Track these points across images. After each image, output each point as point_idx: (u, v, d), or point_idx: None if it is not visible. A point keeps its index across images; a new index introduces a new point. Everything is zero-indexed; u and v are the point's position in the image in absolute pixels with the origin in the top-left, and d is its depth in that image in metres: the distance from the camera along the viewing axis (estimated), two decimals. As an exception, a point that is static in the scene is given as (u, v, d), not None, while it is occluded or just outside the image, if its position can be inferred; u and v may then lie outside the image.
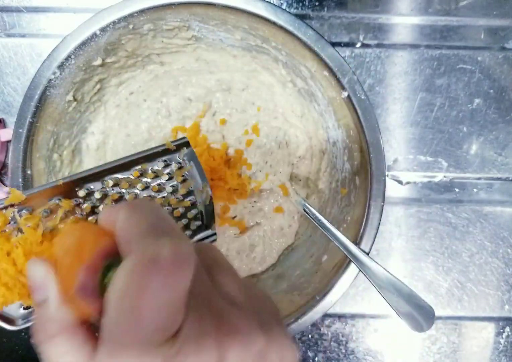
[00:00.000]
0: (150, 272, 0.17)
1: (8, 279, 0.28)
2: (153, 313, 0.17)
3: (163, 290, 0.17)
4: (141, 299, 0.17)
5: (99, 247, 0.20)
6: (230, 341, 0.19)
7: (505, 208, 0.50)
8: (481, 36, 0.49)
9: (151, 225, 0.19)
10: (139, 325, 0.17)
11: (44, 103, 0.40)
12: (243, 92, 0.47)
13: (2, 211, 0.29)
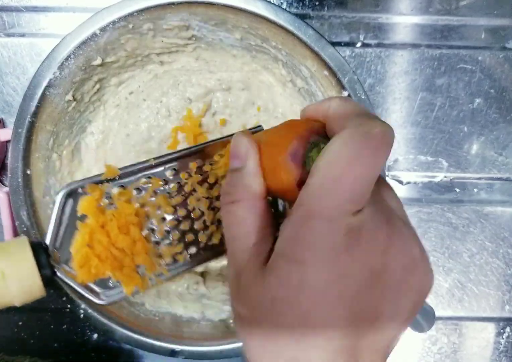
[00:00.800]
0: (363, 143, 0.19)
1: (102, 250, 0.29)
2: (354, 182, 0.19)
3: (368, 163, 0.19)
4: (350, 166, 0.19)
5: (309, 126, 0.23)
6: (395, 238, 0.20)
7: (506, 208, 0.50)
8: (482, 35, 0.49)
9: (363, 110, 0.22)
10: (340, 189, 0.19)
11: (44, 103, 0.39)
12: (243, 92, 0.47)
13: (98, 185, 0.30)
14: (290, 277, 0.19)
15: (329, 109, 0.22)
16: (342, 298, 0.19)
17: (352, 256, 0.19)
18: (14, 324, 0.49)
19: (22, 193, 0.39)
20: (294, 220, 0.20)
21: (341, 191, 0.19)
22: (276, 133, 0.24)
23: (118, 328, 0.40)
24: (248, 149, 0.24)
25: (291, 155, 0.22)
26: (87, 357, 0.50)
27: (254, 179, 0.23)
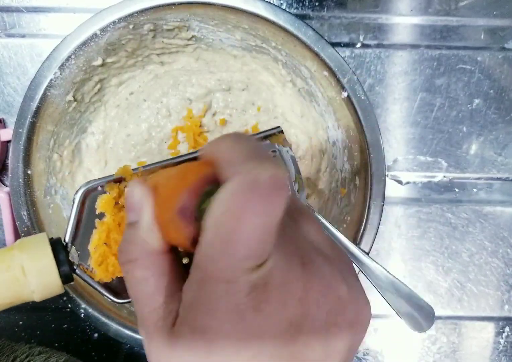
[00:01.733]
0: (251, 193, 0.17)
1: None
2: (248, 237, 0.17)
3: (261, 214, 0.17)
4: (239, 221, 0.17)
5: (201, 174, 0.21)
6: (314, 281, 0.19)
7: (505, 208, 0.50)
8: (481, 36, 0.49)
9: (254, 152, 0.19)
10: (232, 247, 0.17)
11: (44, 103, 0.40)
12: (243, 92, 0.47)
13: (116, 184, 0.30)
14: (196, 346, 0.18)
15: (219, 152, 0.20)
16: (257, 356, 0.18)
17: (262, 314, 0.17)
18: (15, 324, 0.49)
19: (22, 193, 0.40)
20: (192, 285, 0.19)
21: (234, 250, 0.17)
22: (168, 183, 0.22)
23: (118, 327, 0.40)
24: (142, 201, 0.21)
25: (180, 211, 0.20)
26: (87, 356, 0.50)
27: (150, 234, 0.21)
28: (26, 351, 0.41)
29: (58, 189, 0.44)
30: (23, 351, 0.40)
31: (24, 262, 0.27)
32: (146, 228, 0.21)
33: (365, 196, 0.40)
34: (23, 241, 0.29)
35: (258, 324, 0.17)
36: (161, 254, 0.21)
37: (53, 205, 0.43)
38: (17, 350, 0.40)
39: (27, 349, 0.41)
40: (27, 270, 0.27)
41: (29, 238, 0.29)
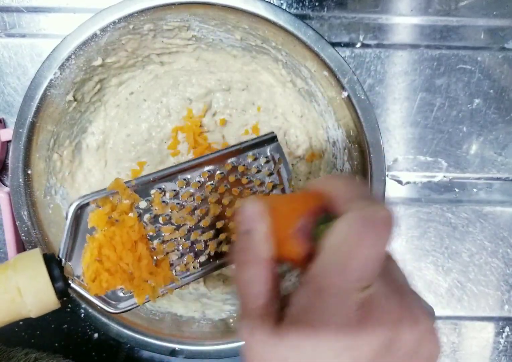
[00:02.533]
0: (367, 227, 0.20)
1: (111, 265, 0.30)
2: (362, 263, 0.20)
3: (374, 245, 0.20)
4: (356, 248, 0.20)
5: (314, 203, 0.24)
6: (406, 311, 0.21)
7: (505, 208, 0.50)
8: (481, 36, 0.49)
9: (365, 193, 0.24)
10: (349, 270, 0.20)
11: (45, 103, 0.40)
12: (243, 92, 0.47)
13: (109, 197, 0.31)
14: (302, 344, 0.21)
15: (335, 189, 0.24)
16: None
17: (364, 329, 0.20)
18: (15, 324, 0.49)
19: (23, 193, 0.40)
20: (308, 292, 0.21)
21: (350, 272, 0.20)
22: (287, 204, 0.25)
23: (118, 327, 0.41)
24: (259, 215, 0.24)
25: (299, 230, 0.23)
26: (87, 356, 0.50)
27: (264, 246, 0.24)
28: (22, 358, 0.41)
29: (58, 189, 0.44)
30: (19, 358, 0.40)
31: (19, 283, 0.28)
32: (262, 238, 0.24)
33: (365, 196, 0.40)
34: (17, 259, 0.29)
35: (360, 337, 0.20)
36: (270, 264, 0.24)
37: (53, 205, 0.43)
38: (12, 358, 0.40)
39: (22, 356, 0.41)
40: (23, 291, 0.28)
41: (23, 256, 0.29)
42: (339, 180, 0.25)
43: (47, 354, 0.44)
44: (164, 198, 0.32)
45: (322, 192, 0.25)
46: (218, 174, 0.34)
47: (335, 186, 0.24)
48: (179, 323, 0.44)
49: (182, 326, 0.44)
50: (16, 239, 0.45)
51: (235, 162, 0.34)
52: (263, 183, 0.35)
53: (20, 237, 0.41)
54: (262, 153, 0.35)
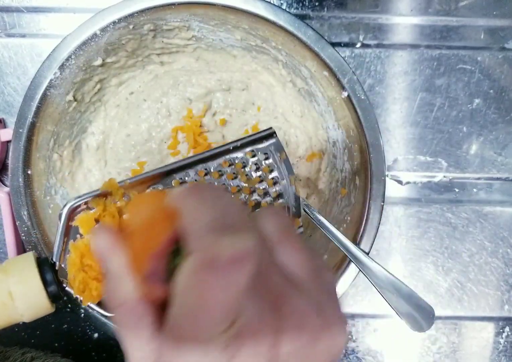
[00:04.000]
0: (209, 273, 0.18)
1: (95, 273, 0.29)
2: (212, 311, 0.18)
3: (223, 290, 0.18)
4: (202, 299, 0.18)
5: (168, 231, 0.21)
6: (286, 322, 0.19)
7: (505, 208, 0.50)
8: (481, 36, 0.49)
9: (216, 219, 0.20)
10: (201, 320, 0.18)
11: (44, 103, 0.40)
12: (243, 92, 0.47)
13: (103, 199, 0.29)
14: None
15: (185, 213, 0.20)
16: None
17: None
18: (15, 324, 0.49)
19: (23, 193, 0.40)
20: (167, 346, 0.19)
21: (202, 320, 0.18)
22: (137, 238, 0.22)
23: (118, 327, 0.41)
24: (109, 251, 0.22)
25: (148, 277, 0.20)
26: (87, 356, 0.50)
27: (124, 283, 0.21)
28: (18, 358, 0.40)
29: (58, 189, 0.44)
30: (15, 358, 0.40)
31: (11, 287, 0.27)
32: (119, 277, 0.21)
33: (365, 196, 0.40)
34: (9, 262, 0.28)
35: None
36: (138, 300, 0.21)
37: (53, 205, 0.43)
38: (9, 357, 0.40)
39: (19, 356, 0.41)
40: (14, 295, 0.27)
41: (15, 259, 0.29)
42: (192, 199, 0.21)
43: (44, 354, 0.44)
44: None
45: (177, 211, 0.21)
46: (215, 172, 0.33)
47: (186, 209, 0.21)
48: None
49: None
50: (16, 239, 0.45)
51: (232, 160, 0.33)
52: (262, 181, 0.35)
53: (20, 237, 0.41)
54: (261, 150, 0.34)
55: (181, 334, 0.19)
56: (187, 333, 0.19)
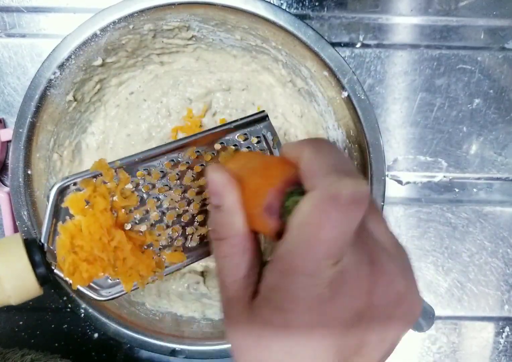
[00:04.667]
0: (331, 207, 0.19)
1: (86, 254, 0.28)
2: (327, 243, 0.19)
3: (339, 225, 0.19)
4: (319, 230, 0.19)
5: (285, 174, 0.23)
6: (379, 276, 0.21)
7: (505, 208, 0.50)
8: (481, 36, 0.49)
9: (334, 165, 0.22)
10: (314, 250, 0.20)
11: (44, 103, 0.40)
12: (243, 92, 0.47)
13: (92, 180, 0.29)
14: (275, 320, 0.21)
15: (301, 160, 0.23)
16: (327, 337, 0.21)
17: (336, 303, 0.20)
18: (15, 324, 0.49)
19: (23, 193, 0.40)
20: (276, 272, 0.21)
21: (315, 253, 0.20)
22: (252, 179, 0.24)
23: (118, 327, 0.41)
24: (224, 187, 0.23)
25: (266, 209, 0.22)
26: (87, 356, 0.50)
27: (235, 218, 0.23)
28: (18, 359, 0.40)
29: (58, 189, 0.44)
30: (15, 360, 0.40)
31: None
32: (231, 212, 0.23)
33: (365, 196, 0.40)
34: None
35: (331, 311, 0.20)
36: (244, 234, 0.23)
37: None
38: (8, 359, 0.40)
39: (19, 358, 0.41)
40: (1, 277, 0.27)
41: (2, 240, 0.28)
42: (307, 149, 0.23)
43: (44, 355, 0.44)
44: (151, 179, 0.31)
45: (294, 159, 0.23)
46: (209, 154, 0.32)
47: (305, 155, 0.22)
48: (179, 323, 0.44)
49: (182, 326, 0.44)
50: (16, 239, 0.45)
51: (225, 142, 0.33)
52: None
53: (20, 237, 0.41)
54: (253, 133, 0.33)
55: (291, 263, 0.20)
56: (298, 261, 0.20)
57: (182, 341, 0.41)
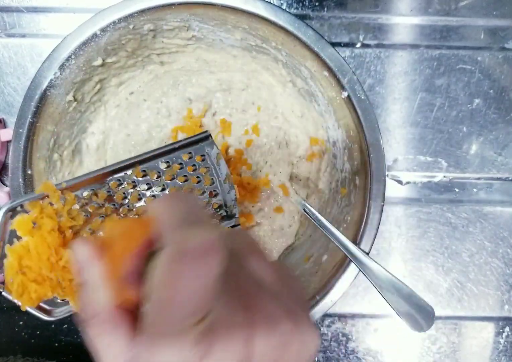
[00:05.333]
0: (181, 263, 0.18)
1: (35, 275, 0.28)
2: (184, 303, 0.18)
3: (194, 280, 0.18)
4: (174, 289, 0.18)
5: (145, 236, 0.22)
6: (257, 322, 0.20)
7: (505, 208, 0.50)
8: (481, 36, 0.49)
9: (182, 218, 0.21)
10: (173, 312, 0.18)
11: (45, 103, 0.40)
12: (243, 92, 0.47)
13: (39, 202, 0.29)
14: None
15: (159, 215, 0.22)
16: None
17: (212, 361, 0.19)
18: (15, 324, 0.49)
19: (23, 193, 0.40)
20: (145, 338, 0.20)
21: (174, 312, 0.18)
22: (115, 242, 0.22)
23: (118, 327, 0.40)
24: (84, 262, 0.22)
25: (126, 277, 0.21)
26: (87, 356, 0.50)
27: (99, 294, 0.22)
28: None
29: (58, 189, 0.44)
30: None
31: None
32: (95, 288, 0.22)
33: (365, 196, 0.40)
34: None
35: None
36: (110, 310, 0.21)
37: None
38: None
39: None
40: None
41: None
42: (161, 203, 0.22)
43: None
44: (97, 200, 0.31)
45: (153, 218, 0.22)
46: (154, 172, 0.33)
47: (156, 211, 0.22)
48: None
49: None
50: (16, 239, 0.45)
51: (170, 161, 0.34)
52: (200, 181, 0.35)
53: (20, 237, 0.41)
54: (197, 152, 0.34)
55: (154, 330, 0.19)
56: (161, 327, 0.19)
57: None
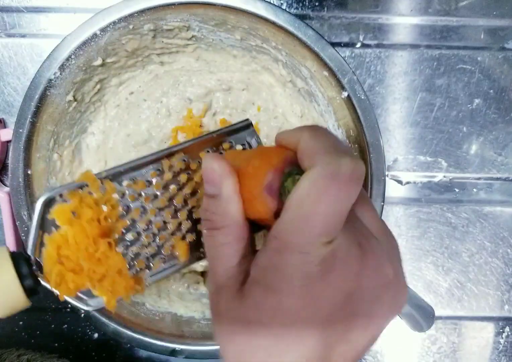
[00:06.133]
0: (331, 183, 0.20)
1: (73, 265, 0.29)
2: (324, 218, 0.20)
3: (337, 201, 0.20)
4: (318, 204, 0.20)
5: (283, 156, 0.23)
6: (368, 259, 0.21)
7: (505, 208, 0.50)
8: (481, 36, 0.49)
9: (333, 145, 0.22)
10: (310, 225, 0.20)
11: (44, 103, 0.40)
12: (243, 92, 0.47)
13: (78, 191, 0.29)
14: (265, 302, 0.21)
15: (300, 142, 0.23)
16: (315, 318, 0.21)
17: (326, 283, 0.20)
18: (15, 324, 0.49)
19: (23, 193, 0.40)
20: (269, 251, 0.21)
21: (311, 228, 0.20)
22: (250, 163, 0.24)
23: (118, 327, 0.41)
24: (222, 176, 0.24)
25: (266, 188, 0.22)
26: (87, 356, 0.50)
27: (232, 207, 0.23)
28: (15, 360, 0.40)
29: (58, 189, 0.44)
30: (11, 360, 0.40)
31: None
32: (229, 200, 0.23)
33: (365, 196, 0.40)
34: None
35: (322, 291, 0.20)
36: (240, 224, 0.23)
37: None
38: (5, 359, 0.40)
39: (15, 358, 0.41)
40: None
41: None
42: (306, 132, 0.23)
43: (41, 355, 0.44)
44: (137, 189, 0.31)
45: (290, 145, 0.24)
46: (194, 163, 0.32)
47: (305, 136, 0.23)
48: (179, 323, 0.44)
49: (182, 326, 0.44)
50: (16, 239, 0.45)
51: (210, 150, 0.33)
52: None
53: (20, 237, 0.41)
54: (238, 141, 0.33)
55: (286, 241, 0.20)
56: (293, 238, 0.20)
57: (182, 341, 0.41)
